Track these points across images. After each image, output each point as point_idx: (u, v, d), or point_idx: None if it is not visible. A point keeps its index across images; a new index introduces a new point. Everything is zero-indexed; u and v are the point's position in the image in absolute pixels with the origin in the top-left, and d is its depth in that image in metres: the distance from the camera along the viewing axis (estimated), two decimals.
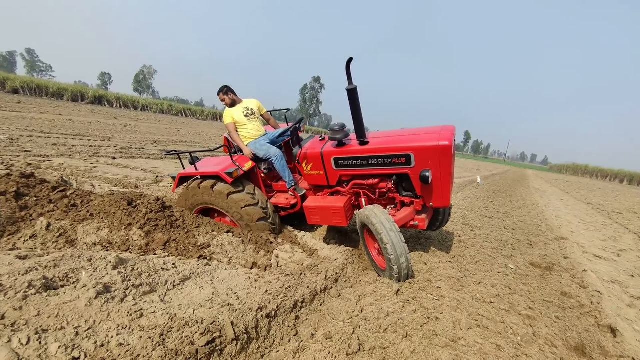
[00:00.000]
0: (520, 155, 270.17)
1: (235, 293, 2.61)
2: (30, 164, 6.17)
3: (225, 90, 4.30)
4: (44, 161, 6.81)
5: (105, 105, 39.91)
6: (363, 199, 3.90)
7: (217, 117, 54.38)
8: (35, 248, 2.96)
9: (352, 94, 3.41)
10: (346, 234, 4.75)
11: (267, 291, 2.60)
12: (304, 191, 4.23)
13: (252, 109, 4.39)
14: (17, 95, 31.51)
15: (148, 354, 1.77)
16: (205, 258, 3.26)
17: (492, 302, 3.12)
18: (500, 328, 2.67)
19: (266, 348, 2.14)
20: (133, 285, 2.44)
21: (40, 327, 1.89)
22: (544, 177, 34.82)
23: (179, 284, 2.63)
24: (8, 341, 1.73)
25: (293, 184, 4.22)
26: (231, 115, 4.23)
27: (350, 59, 3.26)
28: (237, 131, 4.27)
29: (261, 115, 4.59)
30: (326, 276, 3.06)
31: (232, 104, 4.32)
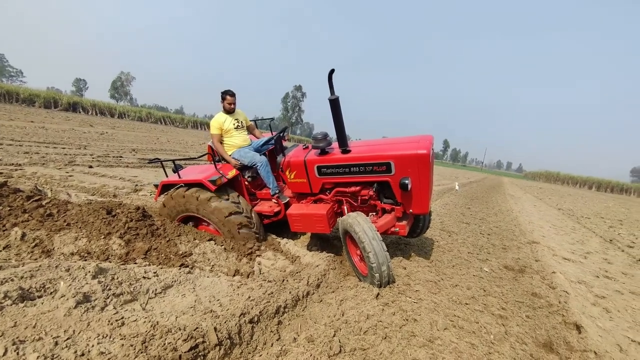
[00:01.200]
0: (497, 163, 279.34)
1: (218, 300, 2.64)
2: (2, 173, 5.94)
3: (235, 96, 4.33)
4: (16, 170, 6.57)
5: (80, 112, 38.66)
6: (345, 207, 3.99)
7: (198, 125, 53.71)
8: (10, 259, 2.88)
9: (334, 104, 3.52)
10: (328, 241, 4.82)
11: (249, 297, 2.64)
12: (288, 199, 4.29)
13: (242, 122, 4.46)
14: None
15: None
16: (187, 266, 3.26)
17: (467, 304, 3.26)
18: (474, 328, 2.80)
19: (249, 353, 2.17)
20: (114, 294, 2.43)
21: (18, 337, 1.87)
22: (518, 184, 36.18)
23: (160, 292, 2.63)
24: None
25: (277, 191, 4.27)
26: (220, 125, 4.23)
27: (332, 70, 3.38)
28: (221, 143, 4.29)
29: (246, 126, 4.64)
30: (308, 282, 3.12)
31: (231, 111, 4.36)
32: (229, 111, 4.33)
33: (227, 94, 4.28)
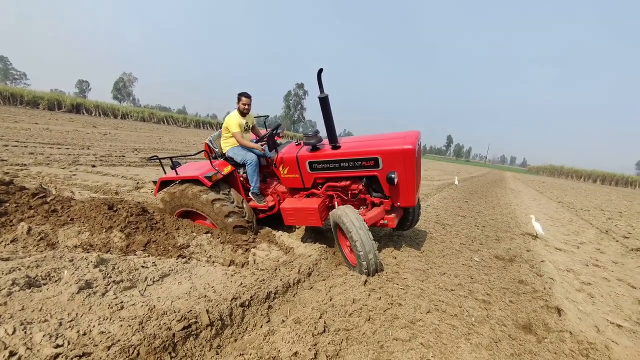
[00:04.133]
0: (501, 158, 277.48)
1: (212, 287, 2.79)
2: (8, 173, 6.14)
3: (250, 98, 4.45)
4: (22, 170, 6.77)
5: (83, 113, 39.09)
6: (336, 201, 4.13)
7: (200, 124, 54.04)
8: (17, 251, 3.06)
9: (324, 102, 3.66)
10: (322, 233, 4.96)
11: (241, 284, 2.80)
12: (264, 202, 4.45)
13: (250, 126, 4.64)
14: None
15: (128, 339, 1.93)
16: (184, 257, 3.42)
17: (453, 290, 3.39)
18: (457, 311, 2.93)
19: (239, 333, 2.33)
20: (114, 281, 2.59)
21: (25, 319, 2.04)
22: (521, 178, 36.07)
23: (158, 280, 2.79)
24: None
25: (256, 190, 4.41)
26: (238, 123, 4.35)
27: (321, 70, 3.52)
28: (242, 136, 4.42)
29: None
30: (299, 270, 3.27)
31: (246, 112, 4.49)
32: (243, 112, 4.45)
33: (243, 96, 4.40)
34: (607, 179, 57.26)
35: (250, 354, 2.06)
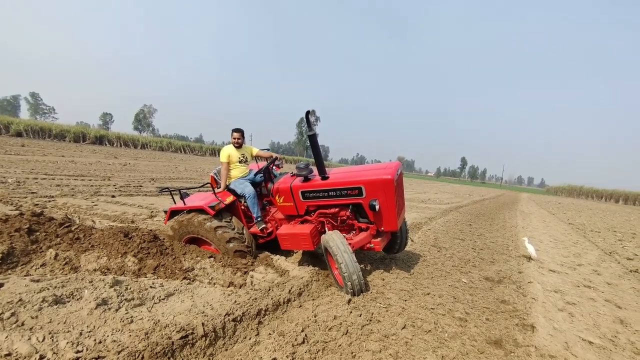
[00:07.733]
0: (518, 179, 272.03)
1: (210, 305, 3.17)
2: (37, 204, 6.80)
3: (242, 133, 4.99)
4: (49, 201, 7.45)
5: (106, 144, 41.26)
6: (327, 226, 4.51)
7: (216, 152, 55.86)
8: (46, 274, 3.54)
9: (312, 138, 4.16)
10: (318, 257, 5.28)
11: (235, 302, 3.17)
12: (263, 226, 4.83)
13: (247, 157, 5.14)
14: (20, 138, 32.79)
15: (135, 345, 2.33)
16: (189, 279, 3.83)
17: (433, 309, 3.65)
18: (431, 327, 3.19)
19: (230, 344, 2.68)
20: (126, 299, 3.01)
21: (52, 330, 2.47)
22: (537, 199, 35.41)
23: (164, 299, 3.19)
24: (28, 339, 2.31)
25: (259, 219, 4.84)
26: (228, 154, 4.88)
27: (308, 111, 4.04)
28: (227, 170, 4.95)
29: (254, 157, 5.34)
30: (290, 290, 3.62)
31: (239, 146, 5.01)
32: (235, 145, 4.99)
33: (234, 131, 4.94)
34: (631, 199, 55.29)
35: None
